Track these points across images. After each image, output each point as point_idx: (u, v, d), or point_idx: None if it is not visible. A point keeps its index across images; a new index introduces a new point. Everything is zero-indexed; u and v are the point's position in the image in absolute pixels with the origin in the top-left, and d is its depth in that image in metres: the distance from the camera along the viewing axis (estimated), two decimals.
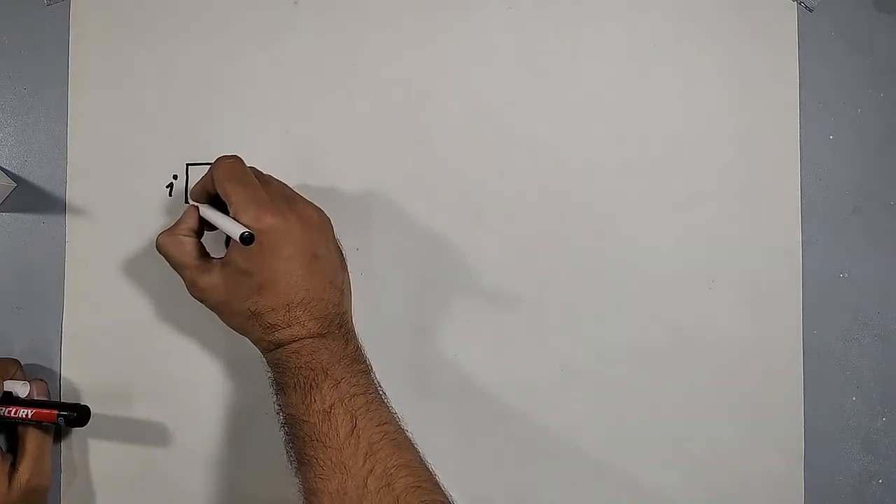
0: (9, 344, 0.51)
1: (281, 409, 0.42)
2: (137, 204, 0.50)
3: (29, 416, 0.46)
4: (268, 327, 0.41)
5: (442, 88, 0.50)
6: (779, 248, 0.48)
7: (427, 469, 0.40)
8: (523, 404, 0.49)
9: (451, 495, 0.40)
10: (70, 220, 0.51)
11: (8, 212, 0.52)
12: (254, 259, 0.41)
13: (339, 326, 0.42)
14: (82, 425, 0.47)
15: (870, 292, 0.48)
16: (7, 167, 0.52)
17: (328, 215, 0.45)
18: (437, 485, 0.39)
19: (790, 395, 0.47)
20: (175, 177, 0.50)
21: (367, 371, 0.42)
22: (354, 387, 0.40)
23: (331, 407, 0.39)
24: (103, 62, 0.51)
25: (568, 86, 0.49)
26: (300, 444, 0.40)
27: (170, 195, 0.50)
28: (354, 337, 0.43)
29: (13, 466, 0.46)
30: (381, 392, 0.42)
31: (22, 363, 0.50)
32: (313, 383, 0.40)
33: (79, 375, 0.51)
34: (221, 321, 0.44)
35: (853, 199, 0.48)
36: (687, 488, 0.48)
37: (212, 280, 0.42)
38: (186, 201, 0.50)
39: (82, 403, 0.49)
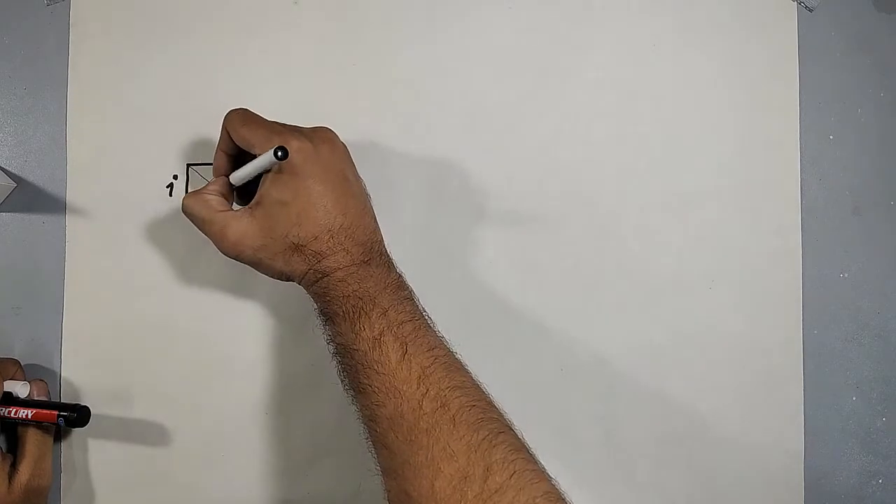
0: (9, 344, 0.51)
1: (331, 339, 0.41)
2: (137, 204, 0.50)
3: (29, 417, 0.46)
4: (313, 256, 0.40)
5: (442, 88, 0.50)
6: (779, 248, 0.48)
7: (480, 389, 0.39)
8: (523, 404, 0.49)
9: (506, 413, 0.39)
10: (70, 220, 0.51)
11: (8, 212, 0.51)
12: (288, 186, 0.40)
13: (379, 254, 0.42)
14: (82, 425, 0.47)
15: (870, 292, 0.48)
16: (7, 167, 0.52)
17: None
18: (491, 403, 0.39)
19: (790, 395, 0.47)
20: (175, 177, 0.50)
21: (410, 298, 0.42)
22: (401, 314, 0.40)
23: (380, 334, 0.39)
24: (103, 62, 0.51)
25: (568, 85, 0.49)
26: (354, 373, 0.39)
27: (170, 195, 0.50)
28: (394, 265, 0.43)
29: (13, 467, 0.46)
30: (427, 318, 0.41)
31: (22, 363, 0.49)
32: (361, 311, 0.39)
33: (79, 375, 0.51)
34: (261, 272, 0.43)
35: (853, 200, 0.48)
36: (687, 488, 0.48)
37: (243, 226, 0.41)
38: None
39: (82, 404, 0.49)
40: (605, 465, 0.48)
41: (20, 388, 0.47)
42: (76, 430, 0.50)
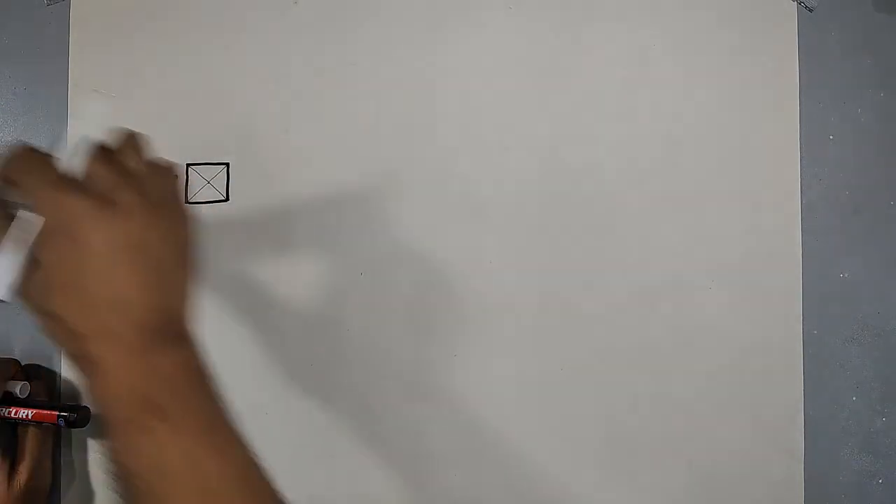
0: (9, 344, 0.51)
1: (109, 457, 0.32)
2: None
3: (29, 417, 0.46)
4: (72, 336, 0.32)
5: (442, 88, 0.50)
6: (779, 248, 0.48)
7: None
8: (523, 404, 0.49)
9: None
10: None
11: None
12: (49, 247, 0.33)
13: (166, 337, 0.33)
14: (82, 426, 0.47)
15: (870, 292, 0.48)
16: None
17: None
18: None
19: (790, 395, 0.47)
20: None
21: (212, 395, 0.34)
22: (197, 423, 0.32)
23: (169, 459, 0.31)
24: (103, 62, 0.51)
25: (568, 86, 0.49)
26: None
27: None
28: (193, 344, 0.35)
29: (13, 467, 0.46)
30: (229, 421, 0.34)
31: (22, 363, 0.49)
32: (141, 425, 0.31)
33: (79, 376, 0.50)
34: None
35: (853, 200, 0.48)
36: (687, 488, 0.48)
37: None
38: (186, 201, 0.50)
39: (82, 404, 0.49)
40: (605, 465, 0.48)
41: (20, 388, 0.47)
42: (76, 430, 0.50)
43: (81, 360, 0.33)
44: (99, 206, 0.33)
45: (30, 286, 0.34)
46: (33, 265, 0.33)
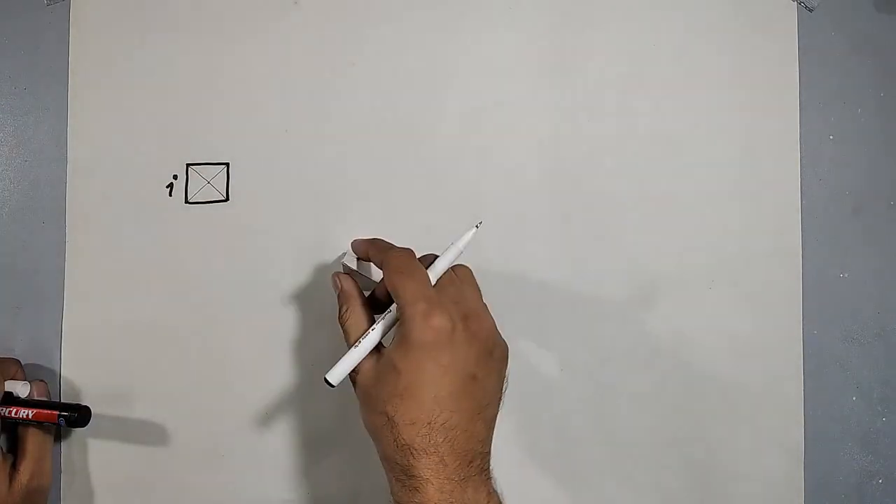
0: (9, 344, 0.51)
1: None
2: (137, 204, 0.50)
3: (29, 417, 0.46)
4: (403, 446, 0.36)
5: (442, 88, 0.50)
6: (779, 248, 0.48)
7: None
8: (523, 404, 0.49)
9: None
10: (70, 220, 0.51)
11: (8, 212, 0.52)
12: (408, 356, 0.37)
13: (480, 471, 0.37)
14: (83, 426, 0.47)
15: (870, 292, 0.48)
16: (7, 167, 0.52)
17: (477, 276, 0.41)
18: None
19: (790, 395, 0.47)
20: (175, 177, 0.50)
21: None
22: None
23: None
24: (103, 62, 0.51)
25: (568, 86, 0.49)
26: None
27: (170, 195, 0.50)
28: (494, 481, 0.38)
29: (13, 467, 0.46)
30: None
31: (22, 363, 0.49)
32: None
33: (79, 375, 0.51)
34: (361, 415, 0.39)
35: (853, 199, 0.48)
36: (687, 488, 0.48)
37: (365, 364, 0.39)
38: (186, 201, 0.50)
39: (82, 404, 0.49)
40: (605, 465, 0.48)
41: (20, 388, 0.47)
42: (76, 430, 0.50)
43: (402, 470, 0.36)
44: (458, 330, 0.37)
45: (378, 383, 0.38)
46: (388, 367, 0.37)
